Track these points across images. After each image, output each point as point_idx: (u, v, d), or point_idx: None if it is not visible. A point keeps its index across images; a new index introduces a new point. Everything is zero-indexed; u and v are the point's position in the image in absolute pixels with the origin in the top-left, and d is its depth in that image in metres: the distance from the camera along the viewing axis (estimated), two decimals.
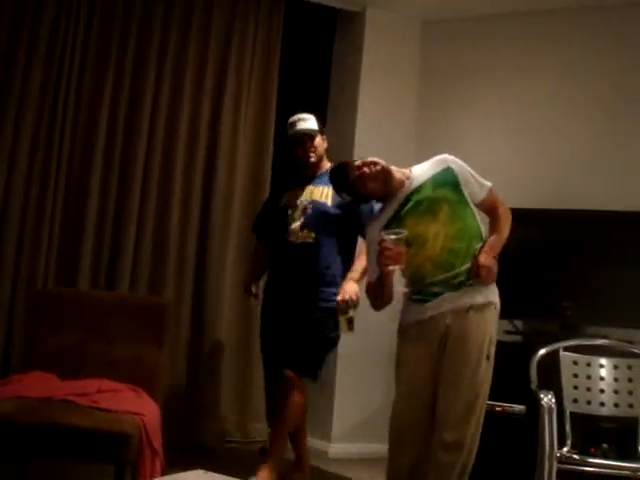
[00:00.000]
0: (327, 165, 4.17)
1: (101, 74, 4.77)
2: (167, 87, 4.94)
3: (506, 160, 5.10)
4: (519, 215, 4.69)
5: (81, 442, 3.08)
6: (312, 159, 4.13)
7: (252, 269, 4.48)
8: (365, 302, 3.46)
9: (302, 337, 3.97)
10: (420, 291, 3.25)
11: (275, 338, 4.11)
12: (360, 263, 4.00)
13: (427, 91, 5.44)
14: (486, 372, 3.16)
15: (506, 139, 5.16)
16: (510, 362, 4.00)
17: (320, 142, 4.16)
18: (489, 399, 3.19)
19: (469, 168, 3.37)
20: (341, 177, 3.36)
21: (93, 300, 4.06)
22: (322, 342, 4.01)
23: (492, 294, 3.31)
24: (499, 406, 4.29)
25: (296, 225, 4.05)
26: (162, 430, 3.41)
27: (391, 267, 3.10)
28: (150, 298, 4.54)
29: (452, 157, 3.38)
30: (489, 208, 3.40)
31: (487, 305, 3.25)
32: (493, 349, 3.21)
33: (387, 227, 3.23)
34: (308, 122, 4.14)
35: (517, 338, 4.58)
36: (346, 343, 4.47)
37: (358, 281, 3.94)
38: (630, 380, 3.65)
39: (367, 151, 3.89)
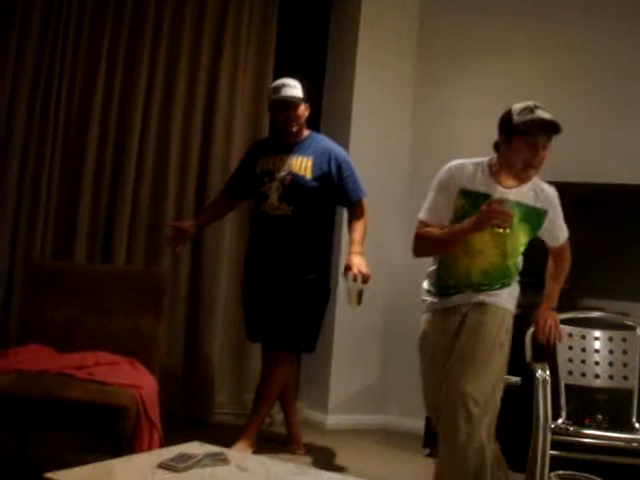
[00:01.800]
0: (306, 133, 4.16)
1: (98, 35, 4.72)
2: (163, 57, 4.90)
3: None
4: None
5: (78, 415, 3.08)
6: (294, 128, 4.10)
7: (205, 212, 4.48)
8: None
9: (284, 313, 4.05)
10: (448, 287, 3.29)
11: (258, 311, 4.18)
12: (358, 234, 4.03)
13: (425, 63, 5.40)
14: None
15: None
16: None
17: (303, 111, 4.11)
18: None
19: (560, 210, 3.36)
20: None
21: (89, 273, 4.06)
22: (305, 316, 4.07)
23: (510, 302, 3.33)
24: None
25: (274, 197, 4.04)
26: (159, 402, 3.42)
27: (500, 229, 3.00)
28: (147, 270, 4.53)
29: (557, 200, 3.34)
30: (559, 252, 3.52)
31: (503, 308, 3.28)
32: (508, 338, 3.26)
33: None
34: (293, 89, 4.07)
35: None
36: (343, 316, 4.50)
37: (362, 253, 3.95)
38: (625, 352, 3.68)
39: (364, 124, 3.88)
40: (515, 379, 4.22)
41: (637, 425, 3.53)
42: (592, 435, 3.37)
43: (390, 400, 5.16)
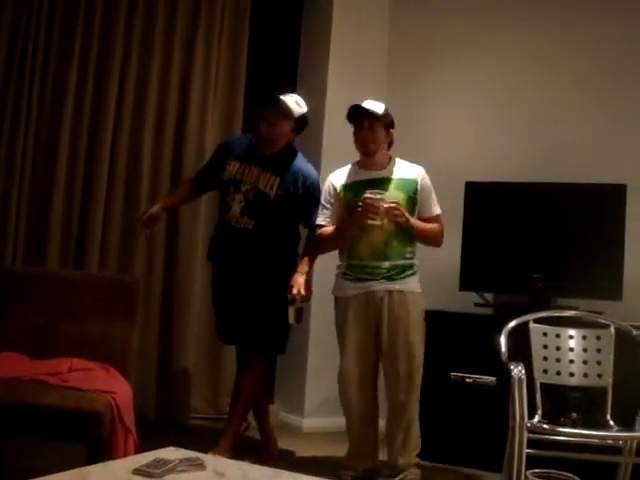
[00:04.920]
0: (282, 148, 4.13)
1: (69, 35, 4.68)
2: (134, 62, 4.87)
3: (473, 134, 5.13)
4: (489, 188, 4.76)
5: (52, 421, 3.05)
6: (264, 132, 4.07)
7: (170, 196, 4.46)
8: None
9: (253, 317, 4.08)
10: (352, 269, 3.87)
11: (228, 315, 4.21)
12: (307, 253, 4.08)
13: (396, 66, 5.42)
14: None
15: (473, 114, 5.17)
16: (480, 334, 4.04)
17: (287, 127, 4.08)
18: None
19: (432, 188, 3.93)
20: None
21: (62, 279, 4.02)
22: (273, 320, 4.08)
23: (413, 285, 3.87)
24: (470, 378, 4.34)
25: (236, 209, 4.06)
26: (134, 408, 3.40)
27: (370, 221, 3.66)
28: (120, 276, 4.50)
29: (425, 174, 3.93)
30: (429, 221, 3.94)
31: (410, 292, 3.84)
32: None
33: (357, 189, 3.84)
34: (292, 102, 4.06)
35: (487, 310, 4.62)
36: (318, 319, 4.51)
37: (307, 274, 4.02)
38: (599, 350, 3.69)
39: (336, 120, 3.89)
40: (490, 379, 4.25)
41: (611, 422, 3.55)
42: (567, 433, 3.37)
43: None
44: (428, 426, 4.02)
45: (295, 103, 4.07)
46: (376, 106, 3.84)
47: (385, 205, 3.65)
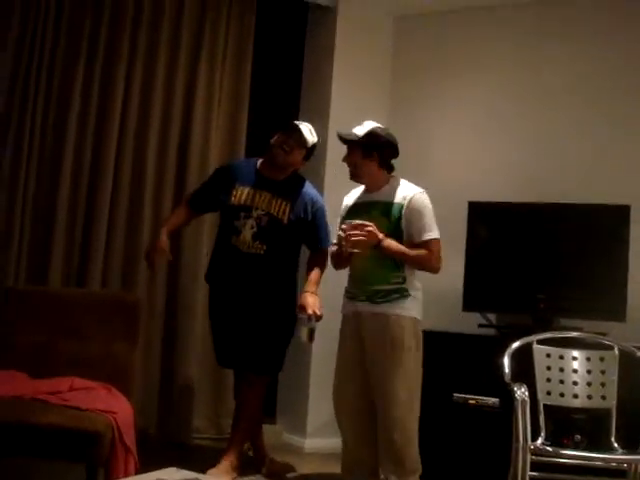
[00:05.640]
0: (288, 177, 4.19)
1: (74, 52, 4.69)
2: (138, 77, 4.87)
3: (476, 154, 5.13)
4: (492, 208, 4.76)
5: (52, 441, 3.03)
6: (280, 158, 4.11)
7: (170, 221, 4.32)
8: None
9: (254, 338, 4.08)
10: (348, 288, 3.89)
11: (227, 338, 4.21)
12: (315, 275, 4.12)
13: (399, 86, 5.44)
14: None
15: (476, 133, 5.17)
16: (484, 355, 4.03)
17: (298, 156, 4.14)
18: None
19: (427, 212, 3.77)
20: None
21: (64, 298, 4.02)
22: (273, 340, 4.12)
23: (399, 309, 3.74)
24: (473, 399, 4.31)
25: (248, 234, 4.07)
26: (135, 428, 3.38)
27: (349, 250, 3.69)
28: (122, 295, 4.49)
29: (418, 197, 3.77)
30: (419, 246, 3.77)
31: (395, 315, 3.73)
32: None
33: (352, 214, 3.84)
34: (307, 131, 4.12)
35: (491, 331, 4.60)
36: (320, 339, 4.50)
37: (316, 293, 4.03)
38: (602, 372, 3.68)
39: (339, 148, 3.90)
40: (493, 400, 4.23)
41: (615, 445, 3.52)
42: (571, 455, 3.36)
43: None
44: (430, 447, 3.98)
45: (309, 132, 4.14)
46: (357, 129, 3.81)
47: (347, 232, 3.64)
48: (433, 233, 3.73)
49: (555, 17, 4.99)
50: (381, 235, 3.64)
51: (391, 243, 3.67)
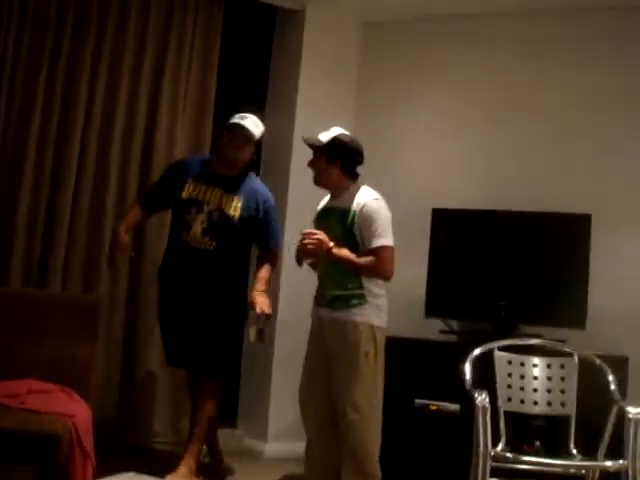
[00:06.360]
0: (239, 173, 4.17)
1: (37, 53, 4.62)
2: (102, 87, 4.81)
3: (443, 162, 5.16)
4: (455, 215, 4.78)
5: (9, 445, 2.98)
6: (231, 156, 4.11)
7: (126, 220, 4.26)
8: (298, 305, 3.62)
9: (205, 342, 4.05)
10: (316, 293, 3.83)
11: (177, 337, 4.18)
12: (265, 272, 4.12)
13: (367, 92, 5.44)
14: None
15: (443, 141, 5.20)
16: (445, 361, 4.05)
17: (248, 150, 4.14)
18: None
19: (379, 218, 3.66)
20: None
21: (24, 298, 3.97)
22: (224, 345, 4.10)
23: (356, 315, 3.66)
24: (434, 405, 4.33)
25: (198, 229, 4.06)
26: (94, 431, 3.34)
27: (304, 259, 3.73)
28: (83, 296, 4.46)
29: (371, 203, 3.68)
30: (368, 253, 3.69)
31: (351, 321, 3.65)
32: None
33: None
34: (252, 125, 4.10)
35: (452, 338, 4.62)
36: (282, 342, 4.50)
37: (266, 291, 4.02)
38: (562, 379, 3.71)
39: (304, 152, 3.89)
40: (454, 406, 4.24)
41: (574, 451, 3.56)
42: (530, 462, 3.38)
43: None
44: (391, 453, 3.98)
45: (254, 125, 4.12)
46: (323, 135, 3.78)
47: (300, 240, 3.66)
48: (384, 240, 3.64)
49: (525, 29, 5.02)
50: (331, 243, 3.61)
51: (340, 251, 3.61)
